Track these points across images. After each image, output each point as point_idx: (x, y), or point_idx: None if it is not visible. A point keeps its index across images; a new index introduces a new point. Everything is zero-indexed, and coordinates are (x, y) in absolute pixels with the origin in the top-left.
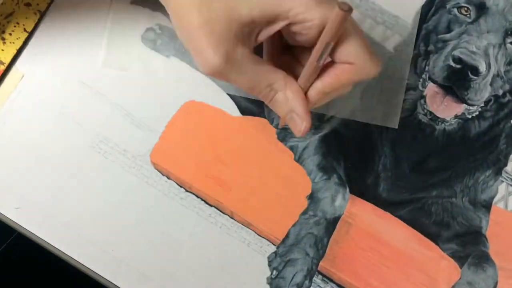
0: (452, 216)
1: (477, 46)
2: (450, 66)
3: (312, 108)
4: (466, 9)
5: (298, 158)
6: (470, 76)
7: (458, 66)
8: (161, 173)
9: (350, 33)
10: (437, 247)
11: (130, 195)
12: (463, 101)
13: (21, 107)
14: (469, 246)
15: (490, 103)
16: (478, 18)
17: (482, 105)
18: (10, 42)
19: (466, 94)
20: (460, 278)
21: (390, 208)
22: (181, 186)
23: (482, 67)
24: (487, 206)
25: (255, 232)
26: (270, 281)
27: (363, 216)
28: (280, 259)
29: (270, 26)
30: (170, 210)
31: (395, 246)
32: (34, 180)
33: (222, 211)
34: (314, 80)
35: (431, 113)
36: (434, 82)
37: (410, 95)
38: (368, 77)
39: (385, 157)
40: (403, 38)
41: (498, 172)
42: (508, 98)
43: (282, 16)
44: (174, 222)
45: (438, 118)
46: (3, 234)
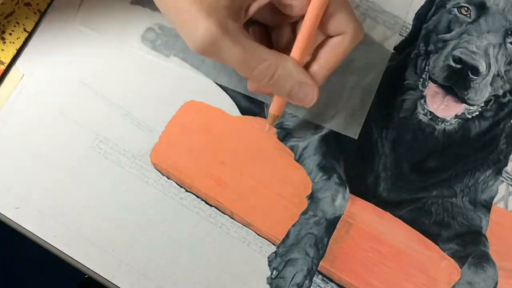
0: (452, 216)
1: (477, 46)
2: (450, 66)
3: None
4: (466, 9)
5: (298, 158)
6: (470, 76)
7: (458, 66)
8: (161, 173)
9: (338, 4)
10: (437, 247)
11: (130, 195)
12: (463, 101)
13: (21, 107)
14: (469, 246)
15: (490, 103)
16: (478, 18)
17: (482, 105)
18: (10, 42)
19: (466, 94)
20: (460, 278)
21: (390, 208)
22: (181, 186)
23: (482, 67)
24: (487, 206)
25: (255, 232)
26: (270, 281)
27: (363, 216)
28: (280, 259)
29: None
30: (170, 210)
31: (395, 246)
32: (34, 180)
33: (222, 211)
34: (308, 56)
35: (431, 113)
36: (434, 82)
37: (410, 95)
38: (357, 43)
39: (385, 157)
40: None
41: (498, 172)
42: (508, 98)
43: None
44: (174, 222)
45: (438, 118)
46: (3, 234)
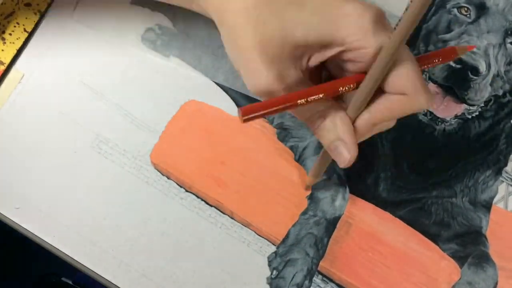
0: (452, 216)
1: (477, 46)
2: (450, 66)
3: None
4: (466, 9)
5: (298, 158)
6: (470, 76)
7: (458, 66)
8: (161, 173)
9: (405, 61)
10: (437, 247)
11: (130, 195)
12: (463, 101)
13: (21, 107)
14: (469, 246)
15: (490, 103)
16: (478, 18)
17: (482, 105)
18: (10, 42)
19: (466, 94)
20: (460, 278)
21: (390, 208)
22: (181, 186)
23: (482, 67)
24: (487, 206)
25: (255, 232)
26: (270, 281)
27: (363, 216)
28: (280, 259)
29: (323, 51)
30: (170, 210)
31: (395, 246)
32: (34, 180)
33: (222, 211)
34: (362, 111)
35: (431, 113)
36: (434, 82)
37: None
38: (420, 109)
39: (385, 157)
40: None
41: (498, 172)
42: (508, 98)
43: (337, 41)
44: (174, 222)
45: (438, 118)
46: (3, 234)
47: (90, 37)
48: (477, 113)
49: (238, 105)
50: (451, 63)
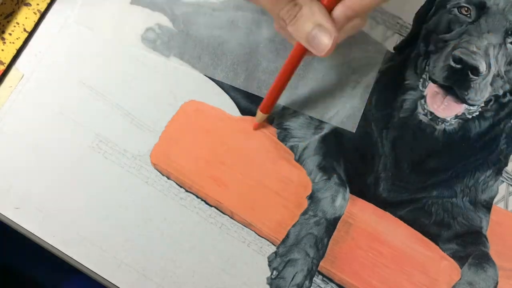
0: (452, 216)
1: (477, 46)
2: (450, 66)
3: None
4: (466, 9)
5: (298, 158)
6: (471, 76)
7: (459, 66)
8: (161, 173)
9: None
10: (437, 247)
11: (130, 195)
12: (464, 101)
13: (21, 107)
14: (469, 246)
15: (491, 103)
16: (478, 18)
17: (483, 105)
18: (10, 42)
19: (466, 94)
20: (460, 278)
21: (390, 208)
22: (181, 186)
23: (483, 67)
24: (488, 206)
25: (255, 232)
26: (270, 281)
27: (363, 216)
28: (280, 259)
29: None
30: (170, 210)
31: (396, 246)
32: (34, 180)
33: (222, 211)
34: (335, 4)
35: (431, 113)
36: (434, 82)
37: (410, 95)
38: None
39: (385, 157)
40: (378, 47)
41: (499, 172)
42: (508, 98)
43: None
44: (174, 222)
45: (439, 118)
46: (3, 234)
47: (90, 37)
48: (477, 113)
49: (238, 105)
50: (451, 63)
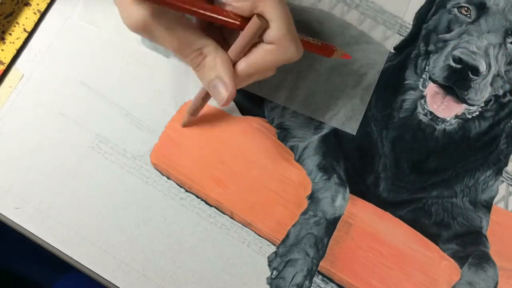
0: (452, 216)
1: (477, 46)
2: (450, 66)
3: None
4: (466, 9)
5: (298, 158)
6: (471, 76)
7: (459, 66)
8: (161, 173)
9: (277, 16)
10: (437, 247)
11: (130, 195)
12: (463, 101)
13: (21, 107)
14: (469, 246)
15: (491, 103)
16: (478, 18)
17: (483, 105)
18: (10, 42)
19: (466, 94)
20: (460, 279)
21: (390, 208)
22: (181, 186)
23: (483, 67)
24: (488, 206)
25: (255, 232)
26: (270, 281)
27: (363, 216)
28: (280, 259)
29: None
30: (170, 210)
31: (396, 247)
32: (34, 180)
33: (222, 211)
34: (241, 57)
35: (431, 113)
36: (434, 82)
37: (410, 95)
38: (289, 60)
39: (385, 157)
40: (380, 49)
41: (499, 172)
42: (508, 98)
43: None
44: (174, 222)
45: (438, 118)
46: (3, 234)
47: (90, 37)
48: (477, 113)
49: (238, 105)
50: (451, 63)
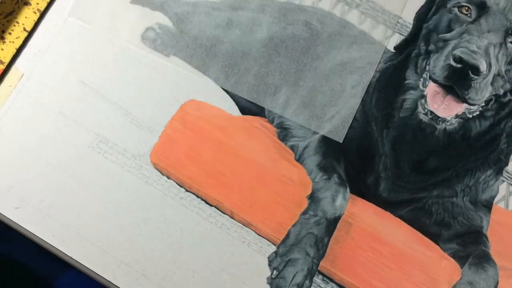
0: (453, 216)
1: (477, 45)
2: (450, 66)
3: None
4: (466, 8)
5: (298, 158)
6: (471, 75)
7: (459, 66)
8: (161, 173)
9: None
10: (437, 247)
11: (130, 195)
12: (464, 100)
13: (21, 107)
14: (470, 246)
15: (491, 103)
16: (478, 17)
17: (483, 104)
18: (10, 42)
19: (466, 93)
20: (461, 278)
21: (391, 208)
22: (181, 186)
23: (483, 67)
24: (488, 206)
25: (255, 232)
26: (270, 281)
27: (364, 216)
28: (280, 259)
29: None
30: (170, 210)
31: (396, 246)
32: (34, 180)
33: (222, 211)
34: None
35: (432, 112)
36: (435, 81)
37: (411, 95)
38: None
39: (385, 156)
40: (370, 61)
41: (499, 171)
42: (508, 97)
43: None
44: (174, 222)
45: (439, 117)
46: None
47: (90, 36)
48: (477, 112)
49: (238, 104)
50: (452, 63)
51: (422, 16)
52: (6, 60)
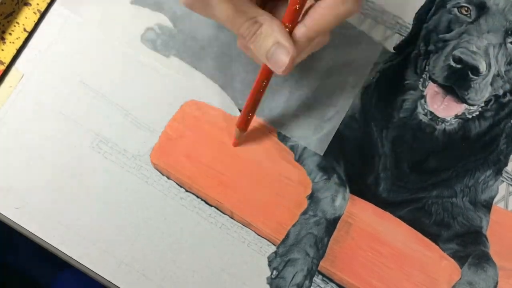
0: (452, 216)
1: (477, 46)
2: (450, 66)
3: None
4: (466, 8)
5: (298, 158)
6: (471, 76)
7: (459, 66)
8: (161, 173)
9: None
10: (437, 247)
11: (130, 195)
12: (464, 101)
13: (21, 107)
14: (469, 246)
15: (491, 103)
16: (478, 17)
17: (483, 105)
18: (10, 42)
19: (466, 94)
20: (460, 278)
21: (390, 208)
22: (181, 186)
23: (483, 67)
24: (488, 206)
25: (255, 232)
26: (270, 281)
27: (363, 216)
28: (280, 259)
29: None
30: (170, 210)
31: (395, 246)
32: (34, 180)
33: (222, 211)
34: (296, 24)
35: (432, 113)
36: (435, 82)
37: (410, 95)
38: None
39: (385, 157)
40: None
41: (499, 172)
42: (508, 98)
43: None
44: (174, 222)
45: (439, 118)
46: (3, 234)
47: (90, 37)
48: (477, 113)
49: (238, 105)
50: (452, 63)
51: (421, 16)
52: (6, 60)
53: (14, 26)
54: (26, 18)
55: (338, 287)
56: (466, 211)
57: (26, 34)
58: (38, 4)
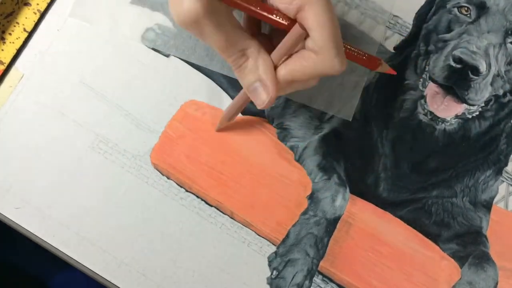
0: (452, 216)
1: (477, 46)
2: (450, 66)
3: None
4: (466, 8)
5: (298, 158)
6: (471, 76)
7: (459, 66)
8: (161, 173)
9: (319, 24)
10: (437, 247)
11: (130, 195)
12: (464, 101)
13: (21, 107)
14: (469, 246)
15: (491, 103)
16: (478, 18)
17: (483, 105)
18: (10, 42)
19: (466, 94)
20: (460, 278)
21: (390, 208)
22: (181, 186)
23: (483, 67)
24: (488, 206)
25: (255, 232)
26: (270, 281)
27: (364, 216)
28: (280, 259)
29: None
30: (170, 210)
31: (396, 246)
32: (34, 180)
33: (222, 211)
34: (283, 61)
35: (432, 113)
36: (434, 82)
37: (410, 95)
38: (330, 72)
39: (385, 157)
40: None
41: (499, 172)
42: (508, 98)
43: None
44: (174, 222)
45: (439, 118)
46: (3, 234)
47: (90, 37)
48: (477, 113)
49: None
50: (452, 63)
51: (421, 16)
52: (6, 60)
53: (14, 26)
54: (26, 18)
55: (338, 287)
56: (466, 211)
57: (26, 34)
58: (38, 4)
